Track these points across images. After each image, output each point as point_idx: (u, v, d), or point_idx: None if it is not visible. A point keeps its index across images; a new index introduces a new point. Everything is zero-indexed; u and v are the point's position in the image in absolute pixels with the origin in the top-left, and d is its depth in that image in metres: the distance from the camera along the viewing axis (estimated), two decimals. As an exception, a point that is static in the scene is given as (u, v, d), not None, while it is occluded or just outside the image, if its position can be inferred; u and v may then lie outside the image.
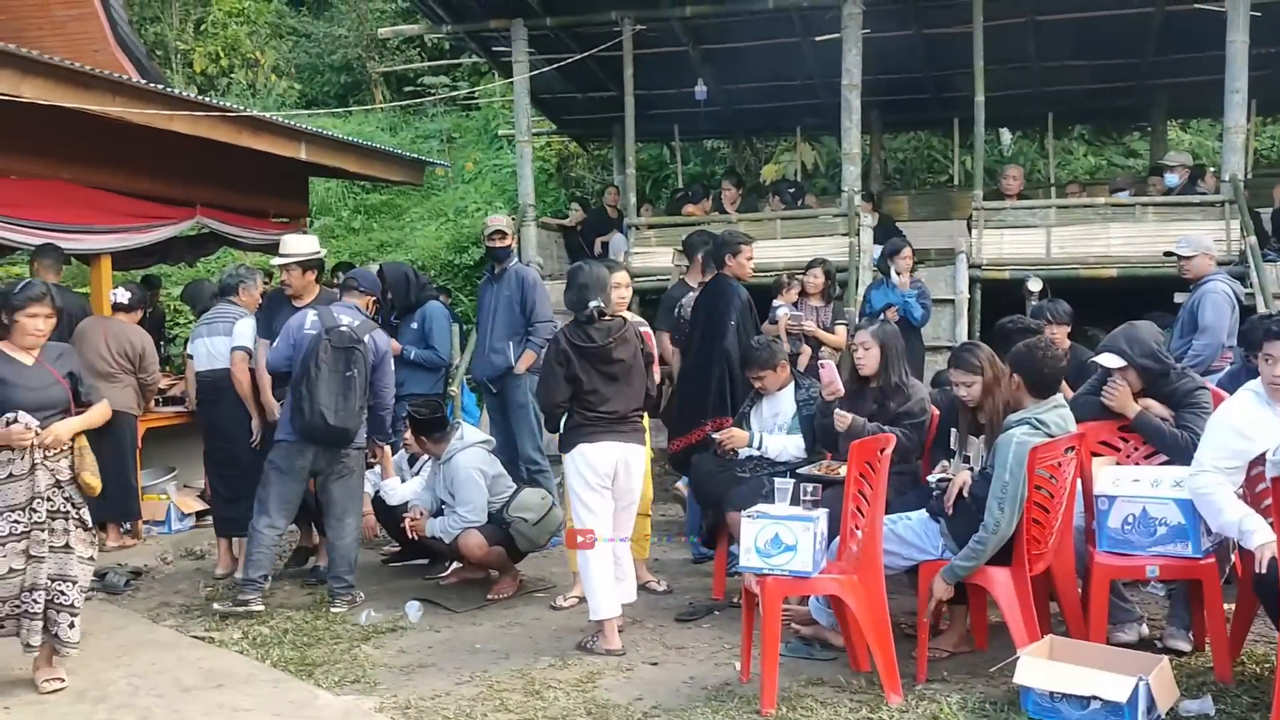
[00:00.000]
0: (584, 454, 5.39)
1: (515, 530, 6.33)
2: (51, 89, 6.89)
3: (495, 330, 7.59)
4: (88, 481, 4.89)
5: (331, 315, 6.16)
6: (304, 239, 7.11)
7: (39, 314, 4.80)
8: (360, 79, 21.55)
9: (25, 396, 4.72)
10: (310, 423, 5.94)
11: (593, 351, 5.39)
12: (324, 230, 17.19)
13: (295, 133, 9.31)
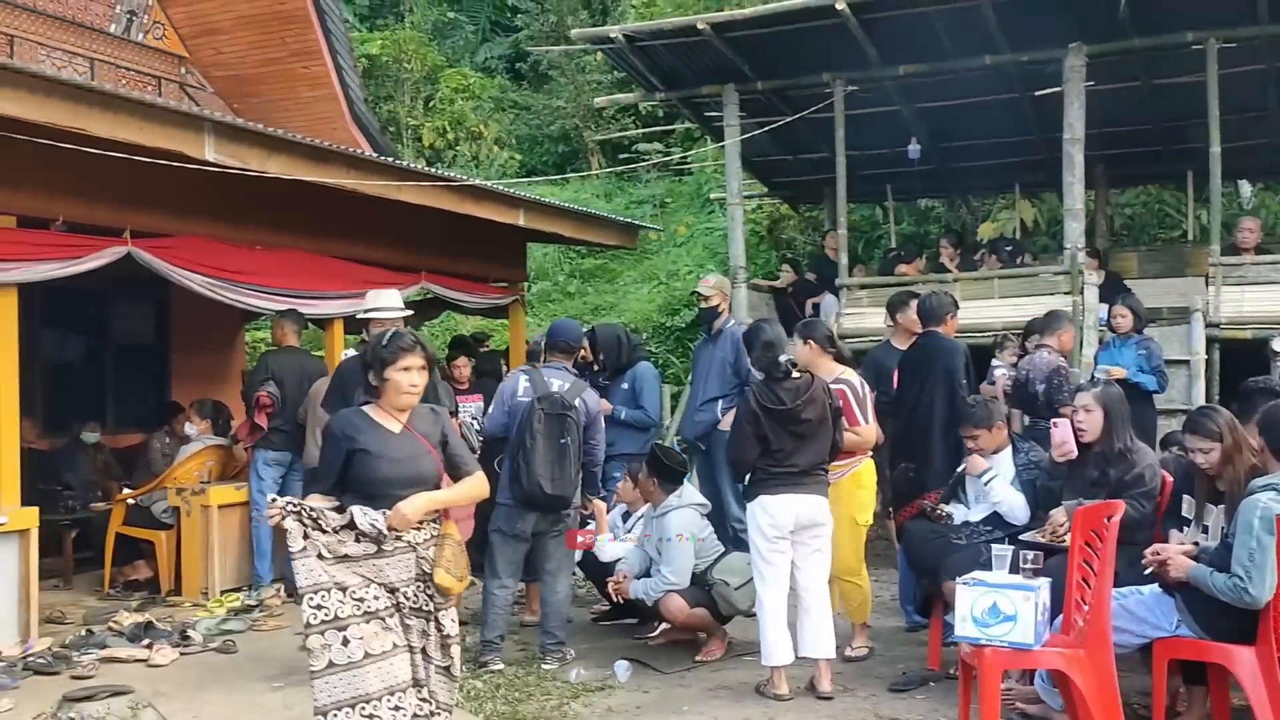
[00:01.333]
0: (764, 505, 5.52)
1: (718, 593, 6.29)
2: (294, 164, 7.37)
3: (706, 389, 7.66)
4: (441, 582, 3.98)
5: (543, 380, 6.26)
6: (393, 294, 6.97)
7: (412, 366, 4.06)
8: (577, 148, 22.23)
9: (391, 470, 3.97)
10: (529, 492, 6.05)
11: (782, 413, 5.50)
12: (540, 294, 17.71)
13: (514, 200, 9.66)
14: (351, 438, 4.01)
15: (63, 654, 6.34)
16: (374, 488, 3.97)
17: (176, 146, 6.55)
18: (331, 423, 4.12)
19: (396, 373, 4.03)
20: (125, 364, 10.96)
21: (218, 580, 7.96)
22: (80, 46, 10.33)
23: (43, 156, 6.17)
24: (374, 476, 3.98)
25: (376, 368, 4.05)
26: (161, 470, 8.63)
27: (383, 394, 4.07)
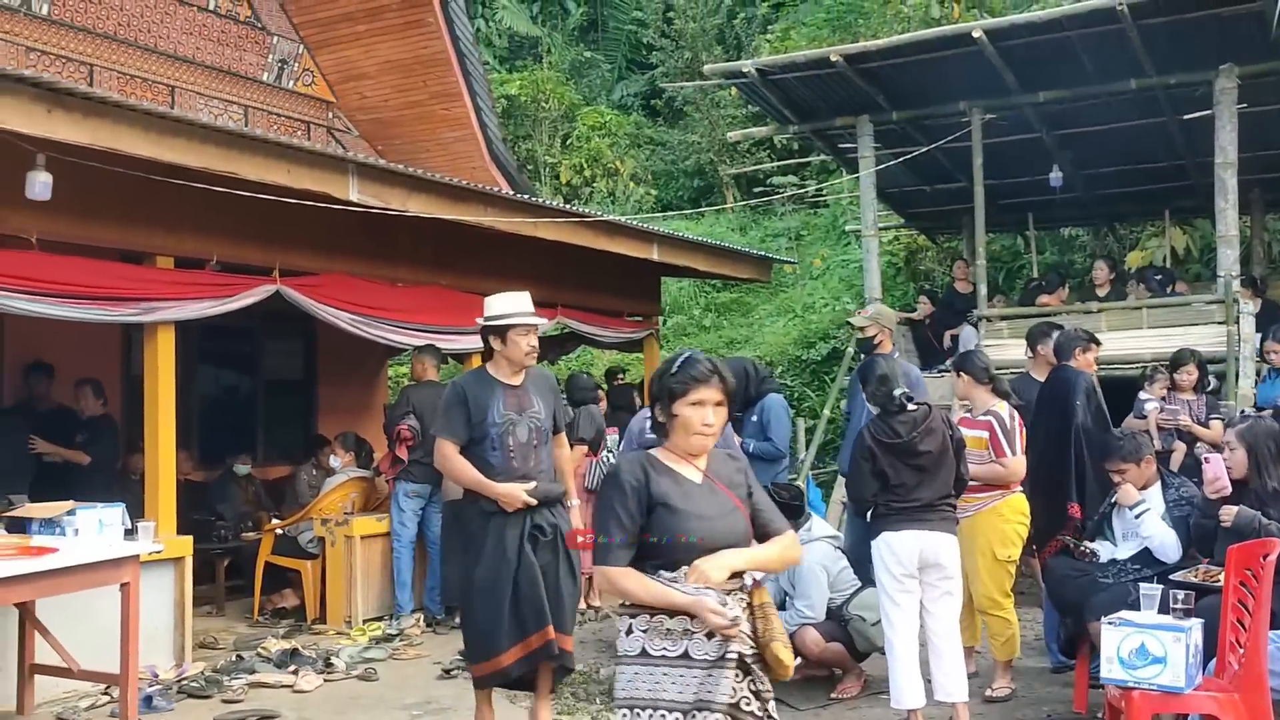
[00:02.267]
0: (888, 542, 5.42)
1: (854, 629, 6.18)
2: (434, 203, 7.59)
3: None
4: (778, 655, 3.13)
5: None
6: (524, 296, 5.48)
7: (707, 401, 3.19)
8: (712, 182, 22.32)
9: (697, 527, 3.08)
10: None
11: (899, 446, 5.41)
12: (676, 328, 17.78)
13: (648, 235, 9.75)
14: (649, 489, 3.13)
15: (215, 678, 6.57)
16: (677, 553, 3.08)
17: (322, 188, 6.80)
18: (619, 470, 3.20)
19: (686, 408, 3.17)
20: (274, 399, 11.36)
21: (360, 609, 8.16)
22: (235, 95, 10.82)
23: (199, 200, 6.47)
24: (679, 539, 3.08)
25: (664, 401, 3.22)
26: (308, 502, 8.90)
27: (670, 433, 3.22)
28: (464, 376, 5.32)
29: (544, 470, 5.23)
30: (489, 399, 5.13)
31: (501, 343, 5.16)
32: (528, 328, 5.20)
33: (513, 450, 5.11)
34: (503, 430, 5.11)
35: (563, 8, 27.20)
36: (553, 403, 5.36)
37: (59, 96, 5.47)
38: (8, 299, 6.06)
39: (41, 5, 9.18)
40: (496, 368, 5.24)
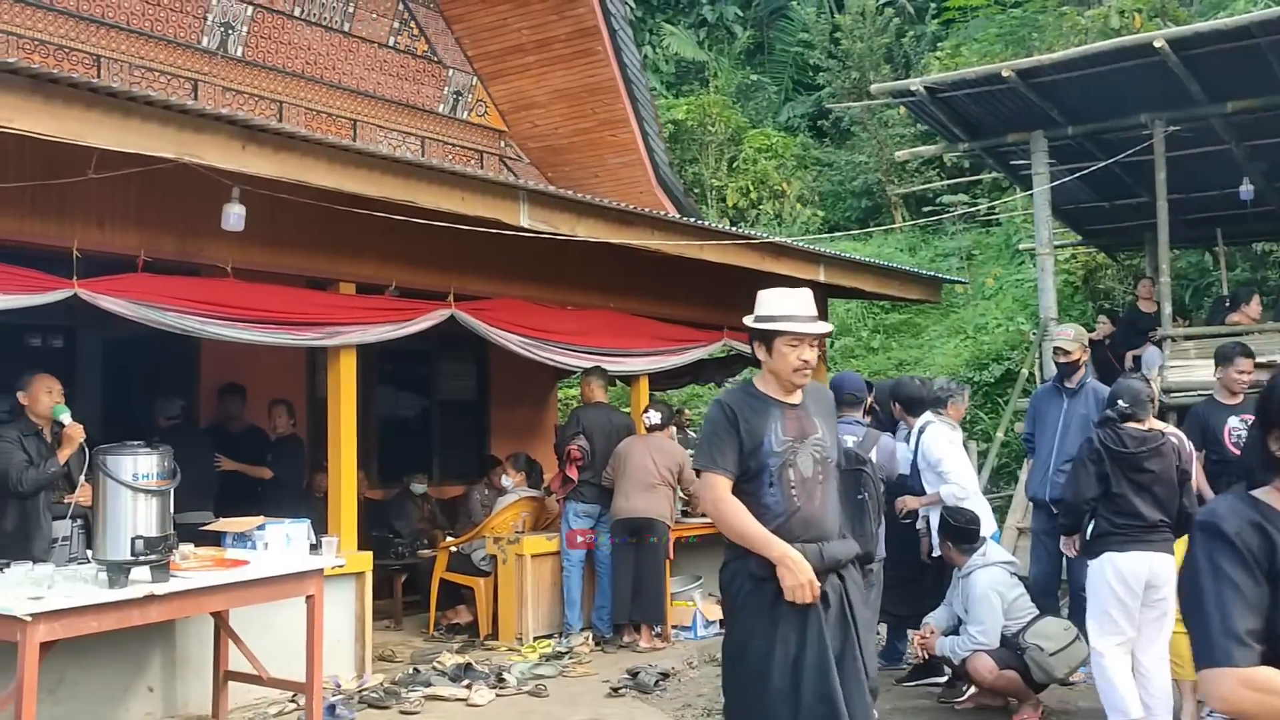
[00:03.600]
0: (1113, 562, 5.32)
1: (1030, 658, 5.99)
2: (601, 227, 7.72)
3: (1064, 448, 7.23)
4: None
5: None
6: (804, 293, 4.35)
7: None
8: (880, 202, 22.05)
9: None
10: None
11: (1124, 456, 5.41)
12: (843, 350, 17.60)
13: (814, 256, 9.70)
14: None
15: (393, 690, 6.80)
16: None
17: (495, 214, 7.00)
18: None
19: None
20: (449, 420, 11.70)
21: (531, 626, 8.32)
22: (413, 126, 11.25)
23: (379, 228, 6.74)
24: None
25: None
26: (480, 520, 9.13)
27: None
28: (728, 394, 4.20)
29: (830, 515, 4.06)
30: (763, 422, 3.96)
31: (766, 352, 4.03)
32: (800, 338, 3.98)
33: (794, 487, 3.93)
34: (782, 462, 3.93)
35: (729, 32, 27.33)
36: (835, 428, 4.22)
37: (253, 133, 5.79)
38: (205, 324, 6.43)
39: (237, 48, 9.73)
40: (766, 382, 4.08)
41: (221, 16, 9.62)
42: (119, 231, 6.16)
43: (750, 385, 4.14)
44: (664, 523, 8.23)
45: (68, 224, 5.93)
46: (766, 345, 4.00)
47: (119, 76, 8.78)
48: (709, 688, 7.07)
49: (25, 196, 5.69)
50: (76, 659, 5.70)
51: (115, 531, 5.16)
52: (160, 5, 9.22)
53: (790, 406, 4.02)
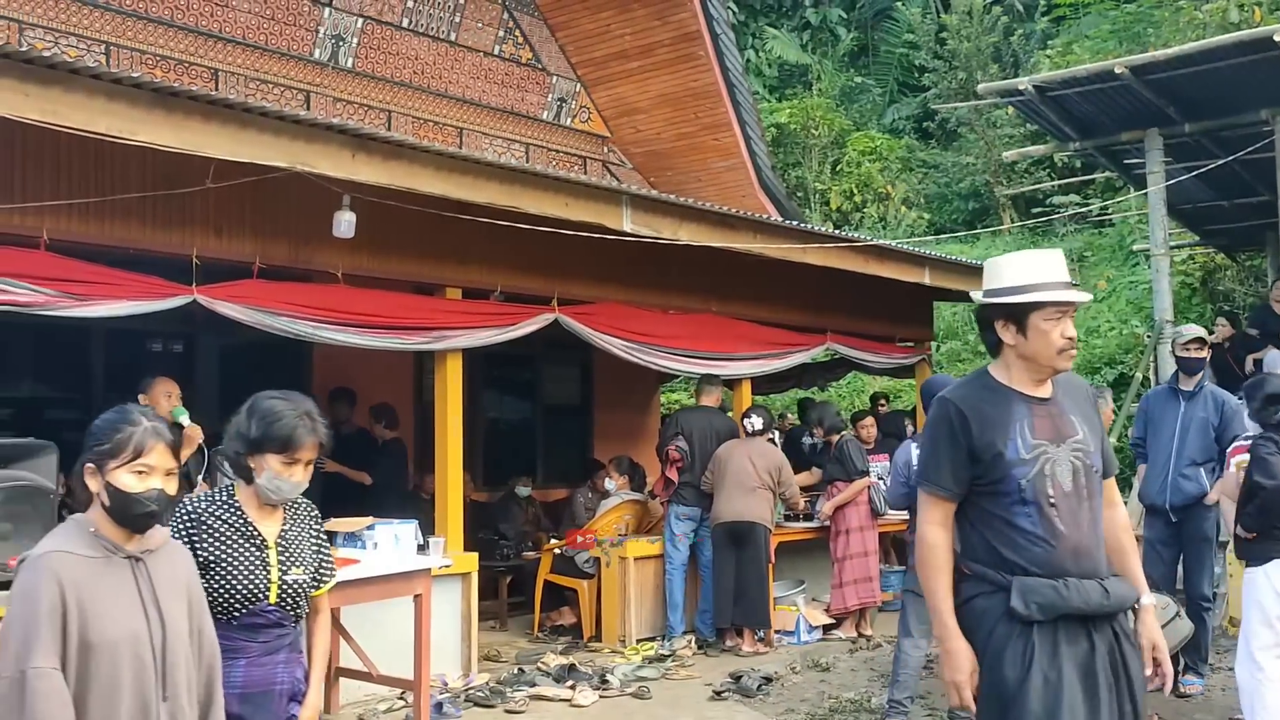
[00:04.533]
0: (1267, 574, 5.13)
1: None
2: (703, 231, 7.73)
3: (1184, 452, 7.00)
4: None
5: None
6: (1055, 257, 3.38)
7: None
8: (988, 204, 21.67)
9: None
10: None
11: None
12: (950, 353, 17.34)
13: (919, 258, 9.59)
14: None
15: (498, 689, 6.88)
16: None
17: (598, 219, 7.06)
18: None
19: None
20: (553, 423, 11.81)
21: (634, 629, 8.35)
22: (518, 133, 11.39)
23: (485, 234, 6.84)
24: None
25: None
26: (584, 523, 9.20)
27: None
28: (957, 387, 3.41)
29: (1100, 541, 3.20)
30: (1005, 421, 3.16)
31: (1018, 331, 3.18)
32: (1064, 309, 3.16)
33: (1054, 503, 3.10)
34: (1036, 472, 3.11)
35: (833, 34, 27.14)
36: (1099, 425, 3.32)
37: (362, 142, 5.93)
38: (318, 329, 6.60)
39: (347, 59, 9.96)
40: (1008, 370, 3.25)
41: (333, 29, 9.86)
42: (235, 239, 6.36)
43: (986, 375, 3.29)
44: (764, 526, 8.20)
45: (187, 232, 6.13)
46: (1018, 323, 3.16)
47: (235, 89, 9.05)
48: (812, 693, 7.03)
49: (147, 206, 5.91)
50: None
51: (232, 530, 5.32)
52: (274, 19, 9.49)
53: (1040, 401, 3.20)
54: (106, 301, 5.78)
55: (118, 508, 2.65)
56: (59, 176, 5.64)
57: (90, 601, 2.55)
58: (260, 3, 9.38)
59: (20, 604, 2.53)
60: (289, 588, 3.25)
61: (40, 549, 2.62)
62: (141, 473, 2.65)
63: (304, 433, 3.25)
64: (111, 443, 2.67)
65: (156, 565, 2.72)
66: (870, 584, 8.64)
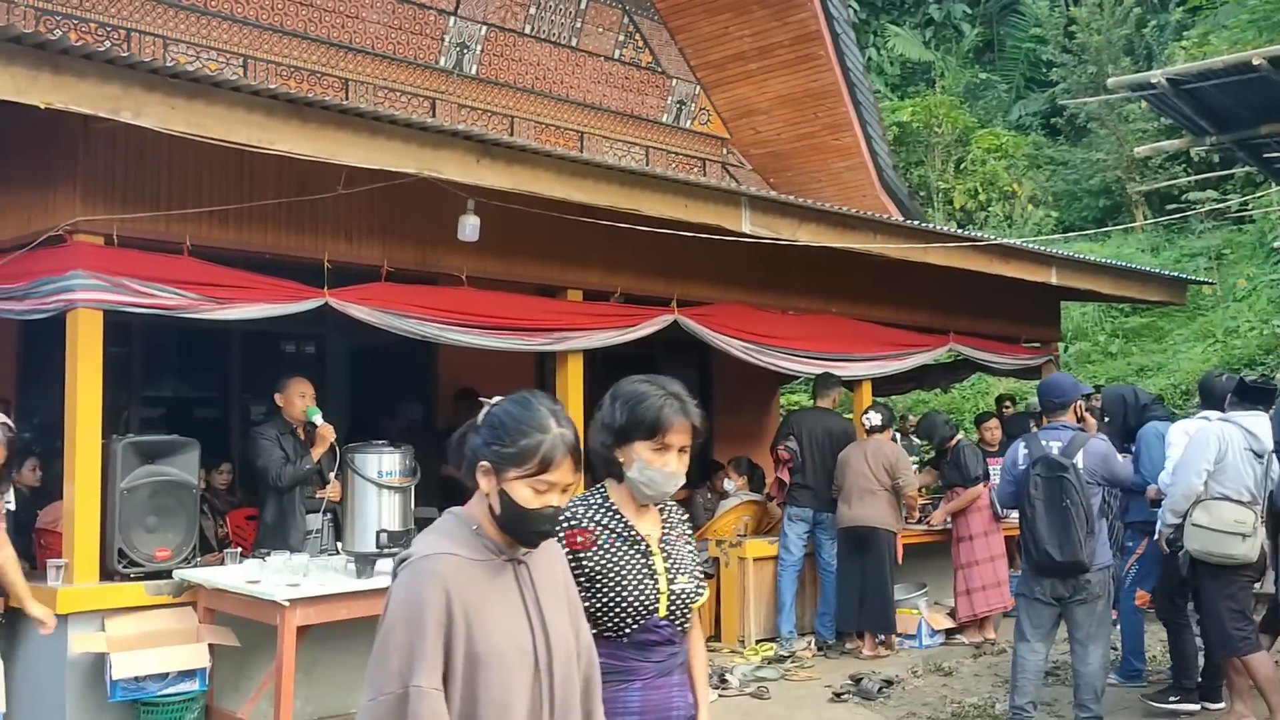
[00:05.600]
0: None
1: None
2: (822, 232, 7.71)
3: None
4: None
5: (1039, 444, 5.98)
6: None
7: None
8: (1119, 201, 21.09)
9: None
10: (1039, 561, 5.82)
11: None
12: (1079, 355, 16.92)
13: (1045, 258, 9.40)
14: None
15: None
16: None
17: (717, 221, 7.09)
18: None
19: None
20: (673, 424, 11.84)
21: (752, 629, 8.36)
22: (637, 136, 11.49)
23: (605, 236, 6.94)
24: None
25: None
26: (703, 523, 9.24)
27: None
28: None
29: None
30: None
31: None
32: None
33: None
34: None
35: (956, 30, 26.70)
36: None
37: (487, 147, 6.07)
38: (444, 330, 6.77)
39: (471, 66, 10.18)
40: None
41: (458, 37, 10.09)
42: (364, 243, 6.56)
43: None
44: (885, 530, 8.11)
45: (319, 237, 6.35)
46: None
47: (365, 98, 9.33)
48: (933, 697, 6.96)
49: (282, 212, 6.14)
50: (327, 645, 6.09)
51: (362, 525, 5.53)
52: (402, 29, 9.75)
53: None
54: (244, 304, 6.02)
55: (509, 520, 2.35)
56: (201, 185, 5.90)
57: (477, 609, 2.28)
58: (389, 13, 9.64)
59: (403, 611, 2.26)
60: (678, 598, 2.85)
61: (422, 549, 2.34)
62: (541, 490, 2.34)
63: (672, 413, 2.86)
64: (516, 448, 2.34)
65: (537, 567, 2.43)
66: (1000, 589, 8.49)
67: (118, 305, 5.57)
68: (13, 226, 5.87)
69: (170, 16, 8.42)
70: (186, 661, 5.38)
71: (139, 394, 8.27)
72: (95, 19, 8.04)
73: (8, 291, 5.79)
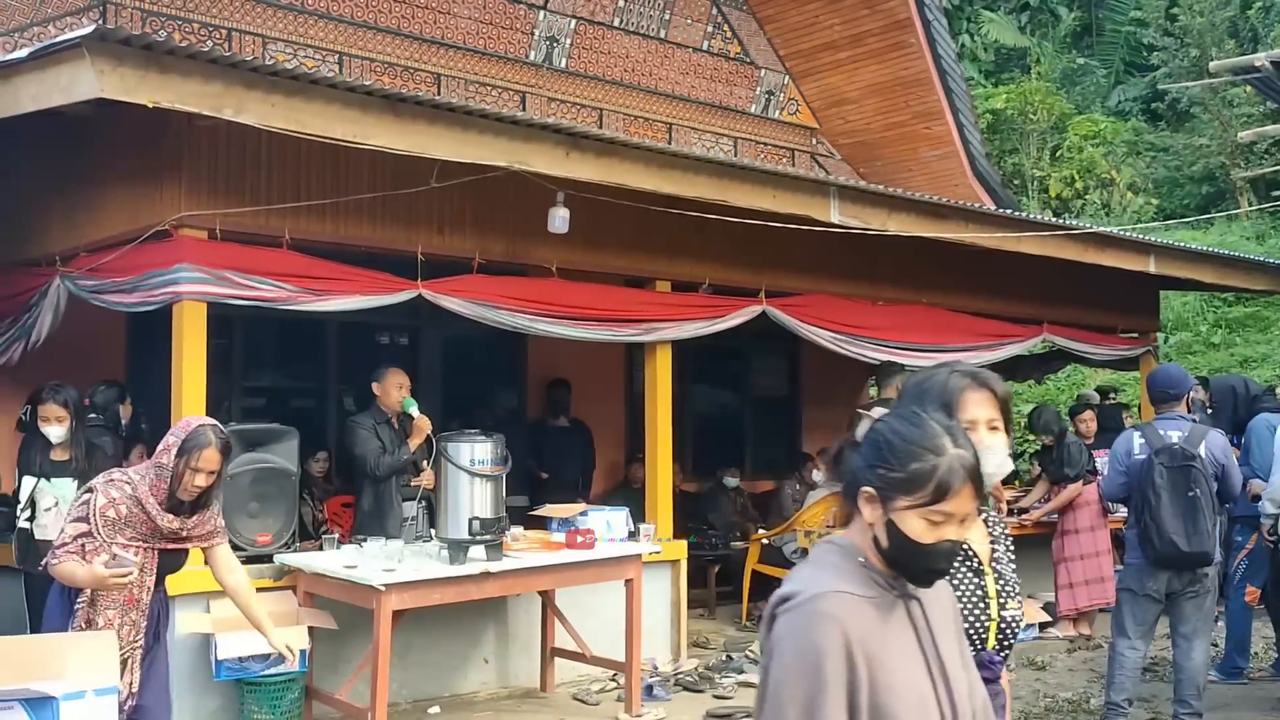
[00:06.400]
0: None
1: None
2: (913, 222, 7.64)
3: None
4: None
5: (1158, 433, 5.85)
6: None
7: None
8: (1223, 187, 20.52)
9: None
10: (1162, 553, 5.67)
11: None
12: (1179, 345, 16.51)
13: (1143, 246, 9.20)
14: None
15: (707, 675, 7.01)
16: None
17: (805, 211, 7.07)
18: None
19: None
20: (761, 415, 11.85)
21: (842, 621, 8.32)
22: (725, 128, 11.48)
23: (693, 228, 6.96)
24: None
25: None
26: (791, 514, 9.22)
27: None
28: None
29: None
30: None
31: None
32: None
33: None
34: None
35: (1053, 15, 26.17)
36: None
37: (576, 140, 6.12)
38: (535, 321, 6.85)
39: (561, 59, 10.27)
40: None
41: (547, 31, 10.18)
42: (456, 236, 6.67)
43: None
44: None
45: (413, 230, 6.47)
46: None
47: (455, 93, 9.46)
48: (1026, 691, 6.88)
49: (377, 206, 6.27)
50: (422, 629, 6.23)
51: (455, 512, 5.64)
52: (492, 24, 9.87)
53: None
54: (341, 296, 6.16)
55: (898, 555, 1.99)
56: (299, 180, 6.05)
57: (876, 656, 1.93)
58: (479, 9, 9.77)
59: (797, 663, 1.91)
60: (1007, 626, 2.52)
61: (809, 586, 1.98)
62: (936, 522, 1.96)
63: (964, 385, 2.55)
64: (906, 473, 1.96)
65: (929, 602, 2.07)
66: (1103, 585, 8.35)
67: (221, 297, 5.74)
68: (121, 222, 6.08)
69: (268, 15, 8.63)
70: (287, 642, 5.54)
71: (239, 384, 8.50)
72: (197, 19, 8.28)
73: (117, 285, 6.00)
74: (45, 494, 5.83)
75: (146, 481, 4.03)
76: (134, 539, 4.00)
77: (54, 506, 5.81)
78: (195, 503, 4.10)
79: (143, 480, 4.03)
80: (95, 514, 3.96)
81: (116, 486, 4.03)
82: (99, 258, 6.13)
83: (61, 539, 4.01)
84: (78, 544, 3.95)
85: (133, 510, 3.99)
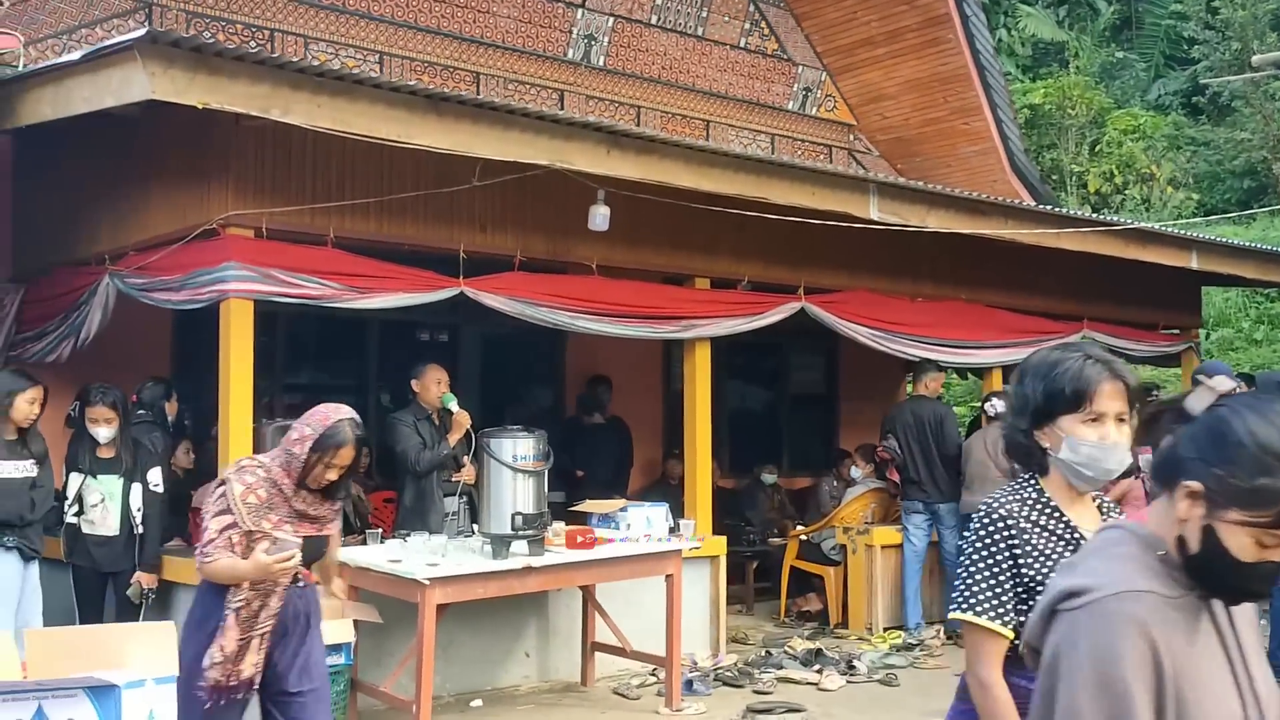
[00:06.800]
0: None
1: None
2: (951, 218, 7.63)
3: None
4: None
5: None
6: None
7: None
8: (1266, 182, 20.31)
9: None
10: None
11: None
12: (1221, 342, 16.37)
13: (1185, 241, 9.14)
14: None
15: (746, 670, 7.04)
16: None
17: (844, 208, 7.08)
18: None
19: None
20: (798, 412, 11.85)
21: (880, 617, 8.34)
22: (763, 124, 11.49)
23: (732, 225, 6.99)
24: None
25: None
26: (829, 511, 9.23)
27: None
28: None
29: None
30: None
31: None
32: None
33: None
34: None
35: (1092, 8, 25.97)
36: None
37: (616, 138, 6.16)
38: (575, 318, 6.90)
39: (599, 57, 10.31)
40: None
41: (585, 29, 10.23)
42: (498, 234, 6.73)
43: None
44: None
45: (455, 228, 6.53)
46: None
47: (495, 91, 9.53)
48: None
49: (420, 204, 6.33)
50: (464, 623, 6.29)
51: (498, 508, 5.69)
52: (531, 23, 9.93)
53: None
54: (384, 294, 6.23)
55: (1207, 566, 1.68)
56: (343, 179, 6.12)
57: (1183, 667, 1.65)
58: (518, 7, 9.83)
59: (1094, 671, 1.63)
60: None
61: (1107, 582, 1.69)
62: (1269, 545, 1.64)
63: (1097, 375, 2.41)
64: (1252, 486, 1.63)
65: (1234, 607, 1.78)
66: None
67: (267, 295, 5.82)
68: (169, 221, 6.17)
69: (310, 16, 8.72)
70: (333, 636, 5.59)
71: (282, 381, 8.59)
72: (241, 20, 8.38)
73: (165, 283, 6.09)
74: (92, 490, 5.97)
75: (278, 464, 3.90)
76: (280, 523, 3.85)
77: (100, 502, 5.96)
78: (325, 491, 3.97)
79: (274, 464, 3.91)
80: (237, 502, 3.80)
81: (250, 472, 3.90)
82: (147, 256, 6.22)
83: (207, 536, 3.82)
84: (224, 537, 3.78)
85: (271, 494, 3.86)
